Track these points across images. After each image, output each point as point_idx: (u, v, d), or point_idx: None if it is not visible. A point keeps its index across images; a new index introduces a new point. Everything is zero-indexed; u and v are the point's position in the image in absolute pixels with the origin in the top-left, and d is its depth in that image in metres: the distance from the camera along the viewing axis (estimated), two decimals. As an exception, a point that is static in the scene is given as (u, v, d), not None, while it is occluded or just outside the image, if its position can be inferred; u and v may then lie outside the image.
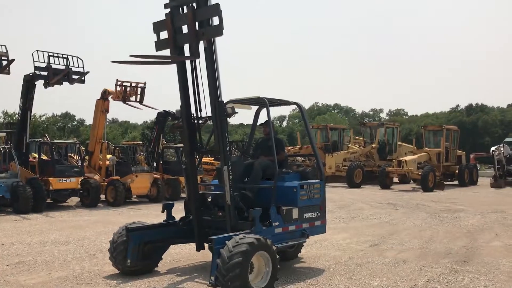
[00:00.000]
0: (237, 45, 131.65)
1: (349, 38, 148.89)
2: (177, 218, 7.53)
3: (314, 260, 7.98)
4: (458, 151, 28.04)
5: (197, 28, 6.60)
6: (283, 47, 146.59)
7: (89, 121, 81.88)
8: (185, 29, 6.80)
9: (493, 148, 26.34)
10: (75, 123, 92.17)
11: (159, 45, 7.02)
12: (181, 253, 8.49)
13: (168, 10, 6.86)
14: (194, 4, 6.61)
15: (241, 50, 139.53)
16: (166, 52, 6.97)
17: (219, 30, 6.40)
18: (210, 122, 7.78)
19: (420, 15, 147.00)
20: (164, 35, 6.96)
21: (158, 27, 6.99)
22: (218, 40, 6.70)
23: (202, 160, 14.29)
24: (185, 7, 6.75)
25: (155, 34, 7.02)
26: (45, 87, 16.49)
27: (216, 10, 6.38)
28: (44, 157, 17.85)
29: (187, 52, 6.94)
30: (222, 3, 6.40)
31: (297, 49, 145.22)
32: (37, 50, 16.05)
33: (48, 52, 16.30)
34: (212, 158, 21.99)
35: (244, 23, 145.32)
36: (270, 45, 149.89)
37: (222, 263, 5.56)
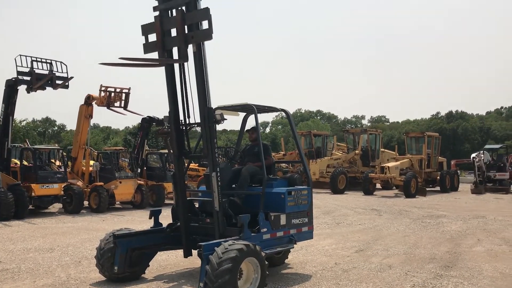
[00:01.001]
0: (220, 50, 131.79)
1: (331, 46, 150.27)
2: (164, 225, 7.51)
3: (301, 266, 8.02)
4: (439, 157, 28.47)
5: (186, 32, 6.61)
6: (267, 54, 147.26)
7: (70, 126, 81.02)
8: (174, 32, 6.79)
9: (473, 155, 26.81)
10: (56, 128, 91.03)
11: (147, 47, 6.99)
12: (168, 260, 8.45)
13: (157, 13, 6.85)
14: (184, 8, 6.62)
15: (224, 55, 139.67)
16: (154, 55, 6.96)
17: (208, 34, 6.41)
18: (197, 129, 7.79)
19: (401, 24, 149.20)
20: (152, 38, 6.94)
21: (146, 29, 6.96)
22: (207, 45, 6.71)
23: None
24: (174, 10, 6.76)
25: (144, 37, 6.99)
26: (28, 92, 16.25)
27: (206, 14, 6.38)
28: (25, 163, 17.59)
29: (175, 55, 6.95)
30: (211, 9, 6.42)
31: (280, 56, 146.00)
32: (20, 55, 15.84)
33: (31, 56, 16.10)
34: (197, 164, 21.93)
35: (227, 29, 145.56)
36: (253, 52, 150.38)
37: (211, 270, 5.56)
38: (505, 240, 10.64)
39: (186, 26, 6.61)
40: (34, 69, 16.00)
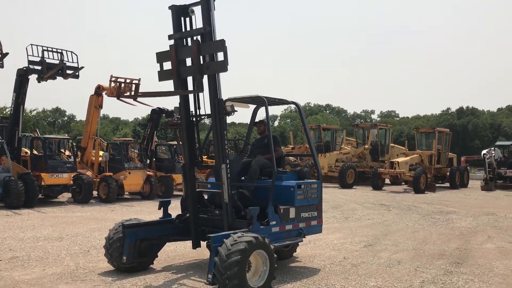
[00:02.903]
0: (230, 43, 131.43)
1: (341, 40, 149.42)
2: (173, 216, 7.50)
3: (310, 260, 7.99)
4: (449, 153, 28.22)
5: (202, 62, 6.54)
6: (277, 48, 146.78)
7: (80, 116, 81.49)
8: (188, 61, 6.76)
9: (484, 151, 26.55)
10: (66, 118, 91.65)
11: (162, 75, 6.98)
12: (176, 251, 8.46)
13: (172, 42, 6.80)
14: (199, 37, 6.56)
15: (234, 49, 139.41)
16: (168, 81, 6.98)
17: (224, 66, 6.36)
18: (207, 121, 7.76)
19: (413, 19, 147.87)
20: (167, 65, 6.91)
21: (161, 57, 6.93)
22: (217, 32, 6.63)
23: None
24: (189, 39, 6.72)
25: (158, 64, 6.97)
26: (39, 82, 16.33)
27: (221, 46, 6.32)
28: (35, 152, 17.70)
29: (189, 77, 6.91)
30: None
31: (290, 50, 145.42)
32: (31, 44, 15.91)
33: (42, 46, 16.16)
34: (206, 156, 21.93)
35: (239, 24, 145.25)
36: (263, 46, 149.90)
37: (220, 261, 5.54)
38: (516, 237, 10.53)
39: (201, 56, 6.55)
40: (45, 59, 16.08)
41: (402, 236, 10.50)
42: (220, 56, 6.42)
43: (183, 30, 6.82)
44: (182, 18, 6.82)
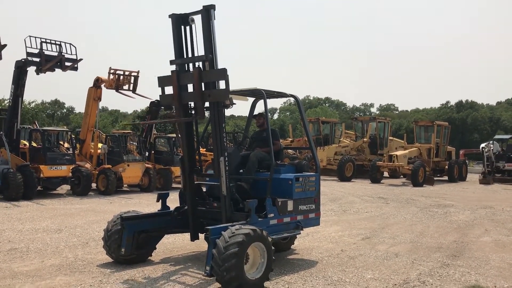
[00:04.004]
0: (231, 36, 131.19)
1: (341, 33, 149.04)
2: (171, 208, 7.52)
3: (307, 252, 8.03)
4: (448, 147, 28.24)
5: (203, 89, 6.55)
6: (276, 41, 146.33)
7: (79, 109, 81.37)
8: (190, 86, 6.80)
9: (482, 145, 26.54)
10: (65, 110, 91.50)
11: (164, 99, 7.04)
12: (175, 243, 8.50)
13: (174, 67, 6.82)
14: (201, 64, 6.56)
15: (235, 42, 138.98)
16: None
17: (225, 95, 6.38)
18: (206, 113, 7.77)
19: (413, 14, 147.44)
20: (168, 89, 6.94)
21: (163, 81, 6.95)
22: (217, 30, 6.63)
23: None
24: (191, 65, 6.74)
25: (160, 88, 7.00)
26: (37, 74, 16.27)
27: (223, 74, 6.33)
28: (34, 144, 17.69)
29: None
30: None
31: (289, 43, 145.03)
32: (30, 36, 15.84)
33: (41, 38, 16.09)
34: (204, 149, 21.93)
35: (239, 15, 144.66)
36: (263, 39, 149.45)
37: (218, 253, 5.57)
38: (513, 231, 10.57)
39: (203, 83, 6.57)
40: (43, 51, 16.01)
41: (399, 229, 10.55)
42: (222, 84, 6.42)
43: (183, 41, 6.84)
44: (182, 27, 6.82)
